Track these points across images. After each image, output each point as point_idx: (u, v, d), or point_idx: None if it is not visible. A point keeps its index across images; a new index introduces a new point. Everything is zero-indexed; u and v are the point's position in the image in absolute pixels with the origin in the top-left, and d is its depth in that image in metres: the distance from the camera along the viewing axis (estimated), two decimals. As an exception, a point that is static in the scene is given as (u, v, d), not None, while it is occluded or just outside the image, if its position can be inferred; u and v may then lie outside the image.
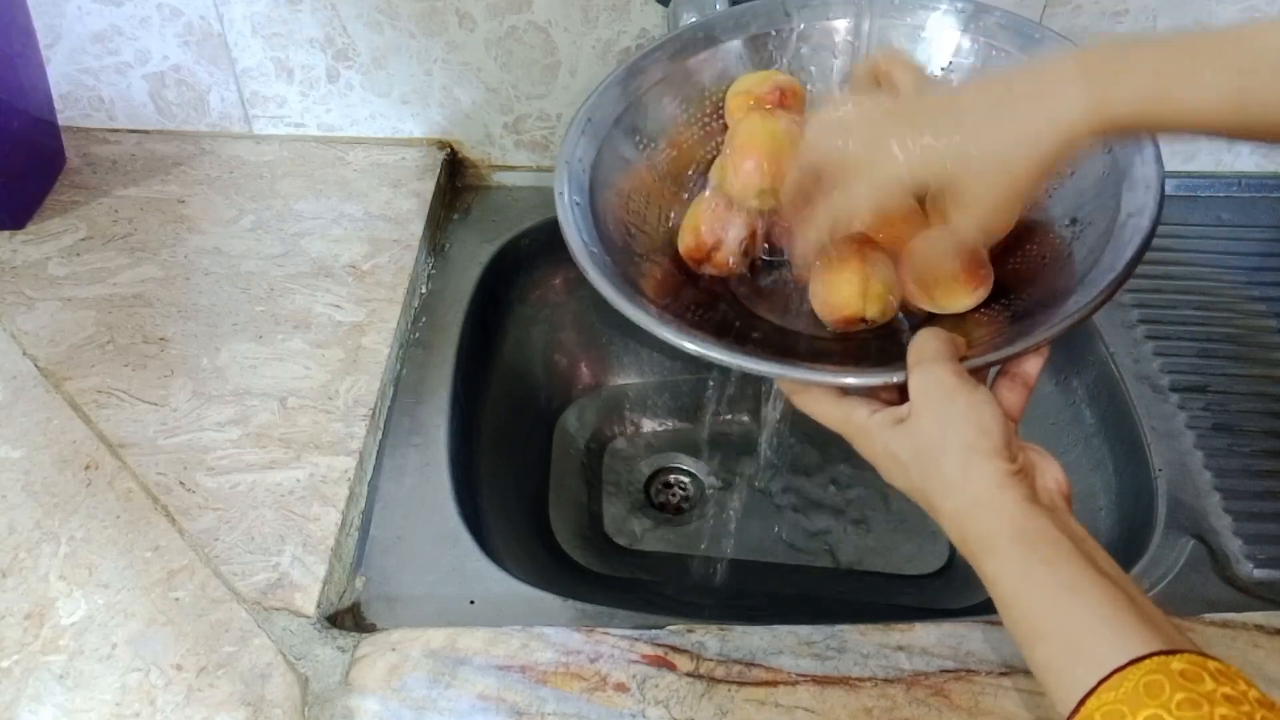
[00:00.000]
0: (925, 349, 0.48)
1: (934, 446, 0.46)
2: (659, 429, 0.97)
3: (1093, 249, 0.55)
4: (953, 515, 0.45)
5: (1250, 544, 0.67)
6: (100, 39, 0.88)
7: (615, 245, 0.60)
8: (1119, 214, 0.54)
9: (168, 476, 0.66)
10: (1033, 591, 0.41)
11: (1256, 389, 0.77)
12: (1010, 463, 0.45)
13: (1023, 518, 0.43)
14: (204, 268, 0.81)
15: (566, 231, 0.57)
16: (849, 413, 0.50)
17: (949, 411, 0.46)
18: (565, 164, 0.61)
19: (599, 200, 0.61)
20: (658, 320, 0.53)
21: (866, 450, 0.50)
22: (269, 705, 0.56)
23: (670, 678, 0.58)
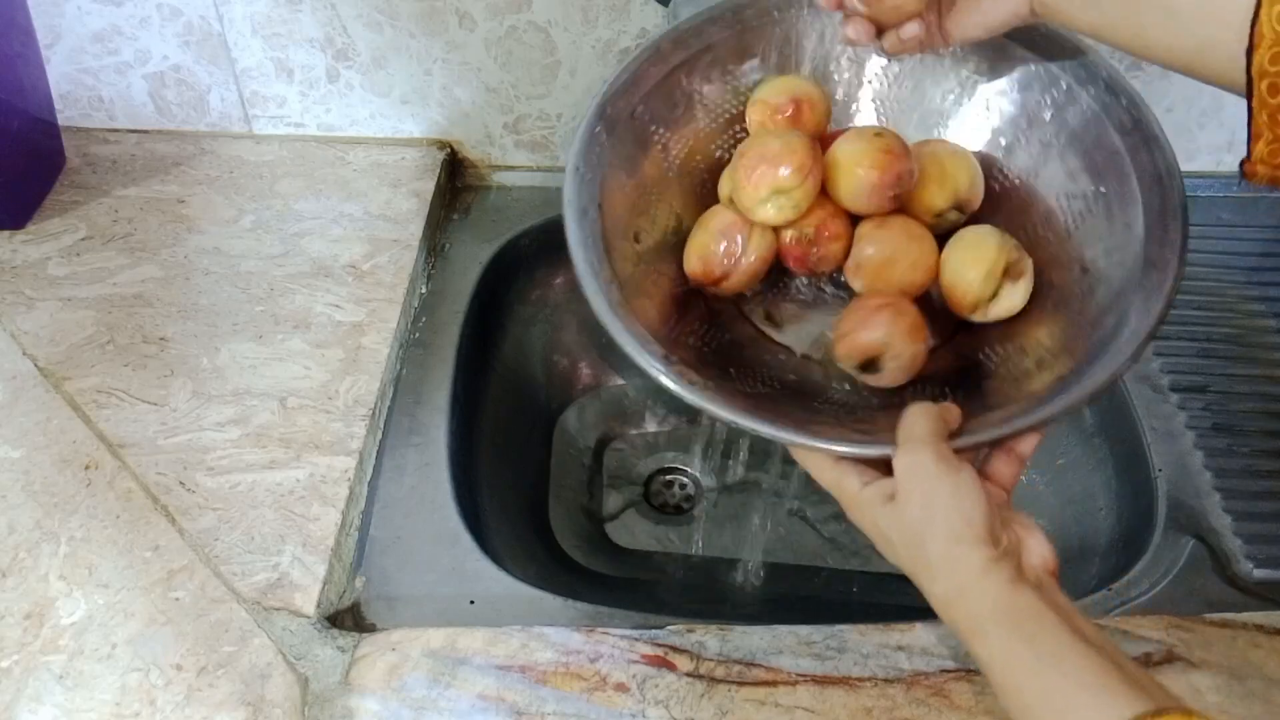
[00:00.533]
0: (914, 428, 0.48)
1: (919, 532, 0.46)
2: (659, 429, 0.97)
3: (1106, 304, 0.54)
4: (939, 598, 0.46)
5: (1250, 544, 0.67)
6: (100, 39, 0.88)
7: (621, 258, 0.58)
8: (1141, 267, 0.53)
9: (168, 476, 0.66)
10: (1020, 668, 0.42)
11: (1256, 389, 0.77)
12: (994, 548, 0.45)
13: (1008, 599, 0.44)
14: (204, 268, 0.81)
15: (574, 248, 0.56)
16: (842, 479, 0.50)
17: (933, 498, 0.46)
18: (575, 170, 0.59)
19: (607, 203, 0.59)
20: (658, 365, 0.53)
21: (857, 521, 0.50)
22: (269, 705, 0.56)
23: (670, 678, 0.58)
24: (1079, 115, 0.59)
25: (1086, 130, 0.59)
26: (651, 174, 0.63)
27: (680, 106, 0.64)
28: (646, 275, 0.60)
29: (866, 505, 0.49)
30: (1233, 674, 0.59)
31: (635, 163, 0.62)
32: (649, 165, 0.63)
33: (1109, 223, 0.57)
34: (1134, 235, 0.55)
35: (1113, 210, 0.57)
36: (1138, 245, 0.54)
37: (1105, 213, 0.57)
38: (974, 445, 0.49)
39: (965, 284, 0.57)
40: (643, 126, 0.62)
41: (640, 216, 0.62)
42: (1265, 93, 0.44)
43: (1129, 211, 0.56)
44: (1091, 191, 0.58)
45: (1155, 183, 0.55)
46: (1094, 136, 0.59)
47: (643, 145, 0.62)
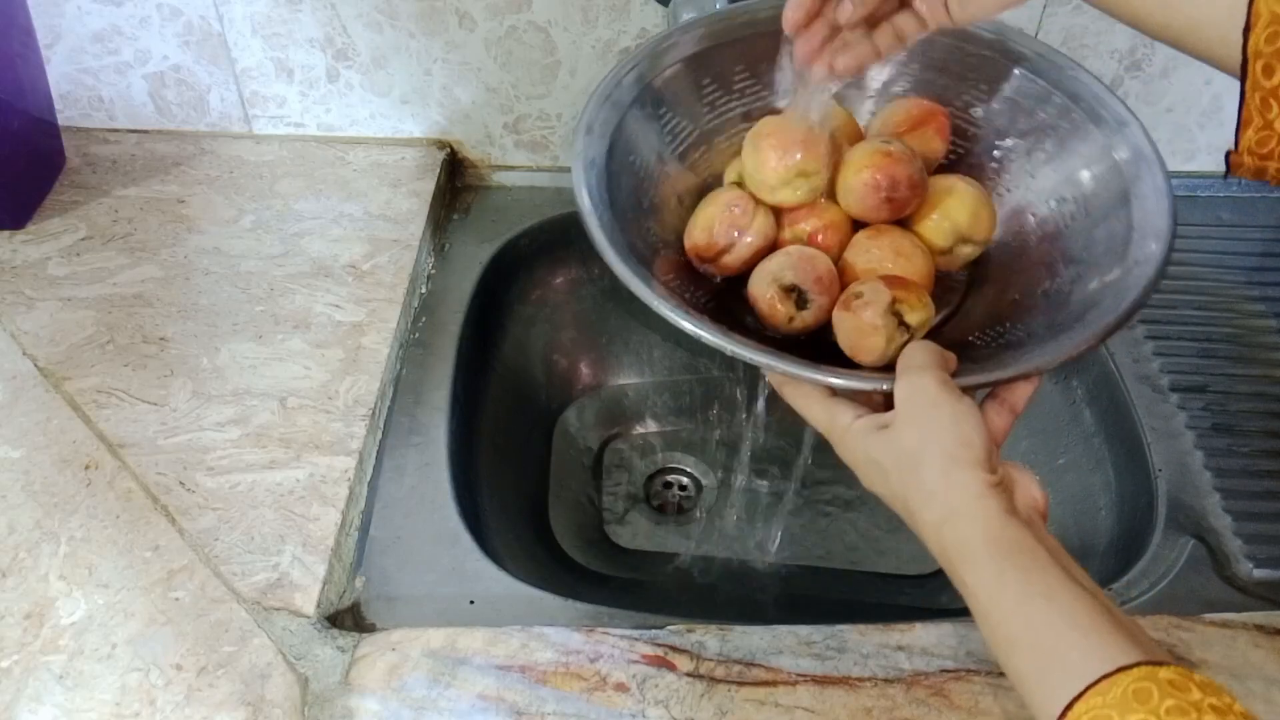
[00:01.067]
0: (914, 358, 0.49)
1: (915, 454, 0.46)
2: (659, 429, 0.97)
3: (1096, 291, 0.55)
4: (931, 524, 0.45)
5: (1250, 544, 0.67)
6: (100, 39, 0.88)
7: (627, 219, 0.58)
8: (1126, 260, 0.54)
9: (167, 476, 0.66)
10: (1009, 599, 0.42)
11: (1256, 389, 0.77)
12: (990, 474, 0.45)
13: (1000, 527, 0.43)
14: (204, 268, 0.81)
15: (579, 192, 0.56)
16: (834, 414, 0.50)
17: (932, 420, 0.46)
18: (585, 130, 0.59)
19: (615, 169, 0.59)
20: (656, 295, 0.52)
21: (848, 455, 0.50)
22: (269, 705, 0.56)
23: (670, 678, 0.58)
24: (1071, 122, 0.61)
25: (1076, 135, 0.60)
26: (658, 150, 0.63)
27: (695, 94, 0.65)
28: (648, 248, 0.60)
29: (859, 435, 0.48)
30: (1233, 674, 0.59)
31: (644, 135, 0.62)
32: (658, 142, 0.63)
33: (1097, 217, 0.58)
34: (1122, 226, 0.56)
35: (1100, 204, 0.58)
36: (1126, 234, 0.55)
37: (1093, 208, 0.58)
38: (973, 385, 0.49)
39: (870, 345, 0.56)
40: (655, 103, 0.63)
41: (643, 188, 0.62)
42: (1260, 74, 0.44)
43: (1118, 206, 0.57)
44: (1079, 193, 0.59)
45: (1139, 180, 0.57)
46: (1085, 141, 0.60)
47: (653, 121, 0.63)
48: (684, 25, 0.65)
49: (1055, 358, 0.50)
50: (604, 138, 0.60)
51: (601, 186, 0.58)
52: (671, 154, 0.64)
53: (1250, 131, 0.45)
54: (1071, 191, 0.60)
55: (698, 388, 0.96)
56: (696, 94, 0.65)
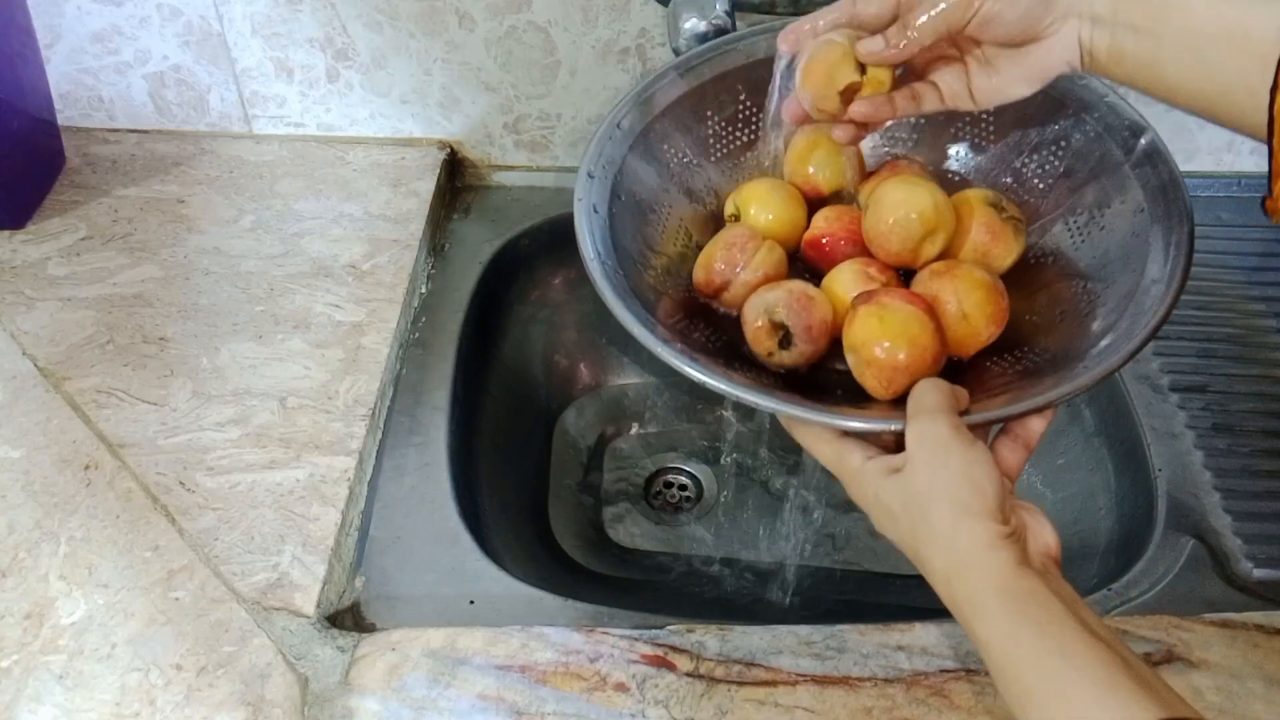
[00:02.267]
0: (925, 399, 0.48)
1: (926, 501, 0.45)
2: (659, 429, 0.97)
3: (1113, 310, 0.54)
4: (941, 573, 0.44)
5: (1250, 544, 0.67)
6: (100, 39, 0.88)
7: (630, 259, 0.59)
8: (1143, 278, 0.53)
9: (167, 476, 0.66)
10: (1023, 653, 0.41)
11: (1256, 389, 0.77)
12: (1003, 524, 0.44)
13: (1012, 579, 0.42)
14: (204, 268, 0.81)
15: (581, 239, 0.57)
16: (844, 455, 0.49)
17: (943, 466, 0.45)
18: (587, 171, 0.59)
19: (618, 211, 0.60)
20: (660, 341, 0.52)
21: (858, 496, 0.49)
22: (269, 705, 0.56)
23: (670, 678, 0.58)
24: (1083, 138, 0.60)
25: (1090, 151, 0.60)
26: (661, 188, 0.64)
27: (694, 130, 0.65)
28: (651, 287, 0.60)
29: (870, 478, 0.48)
30: (1233, 674, 0.59)
31: (646, 174, 0.63)
32: (661, 180, 0.64)
33: (1114, 235, 0.57)
34: (1139, 245, 0.55)
35: (1118, 223, 0.58)
36: (1143, 253, 0.55)
37: (1110, 226, 0.58)
38: (985, 422, 0.48)
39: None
40: (658, 142, 0.64)
41: (648, 226, 0.62)
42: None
43: (1133, 222, 0.56)
44: (1096, 208, 0.59)
45: (1160, 195, 0.56)
46: (1098, 156, 0.60)
47: (655, 159, 0.63)
48: (681, 60, 0.65)
49: (1069, 390, 0.49)
50: (605, 181, 0.60)
51: (606, 232, 0.58)
52: (676, 190, 0.65)
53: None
54: (1089, 205, 0.60)
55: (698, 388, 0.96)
56: (699, 127, 0.65)
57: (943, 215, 0.57)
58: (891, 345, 0.52)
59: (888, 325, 0.52)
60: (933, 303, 0.55)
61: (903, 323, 0.52)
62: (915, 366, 0.52)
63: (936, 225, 0.57)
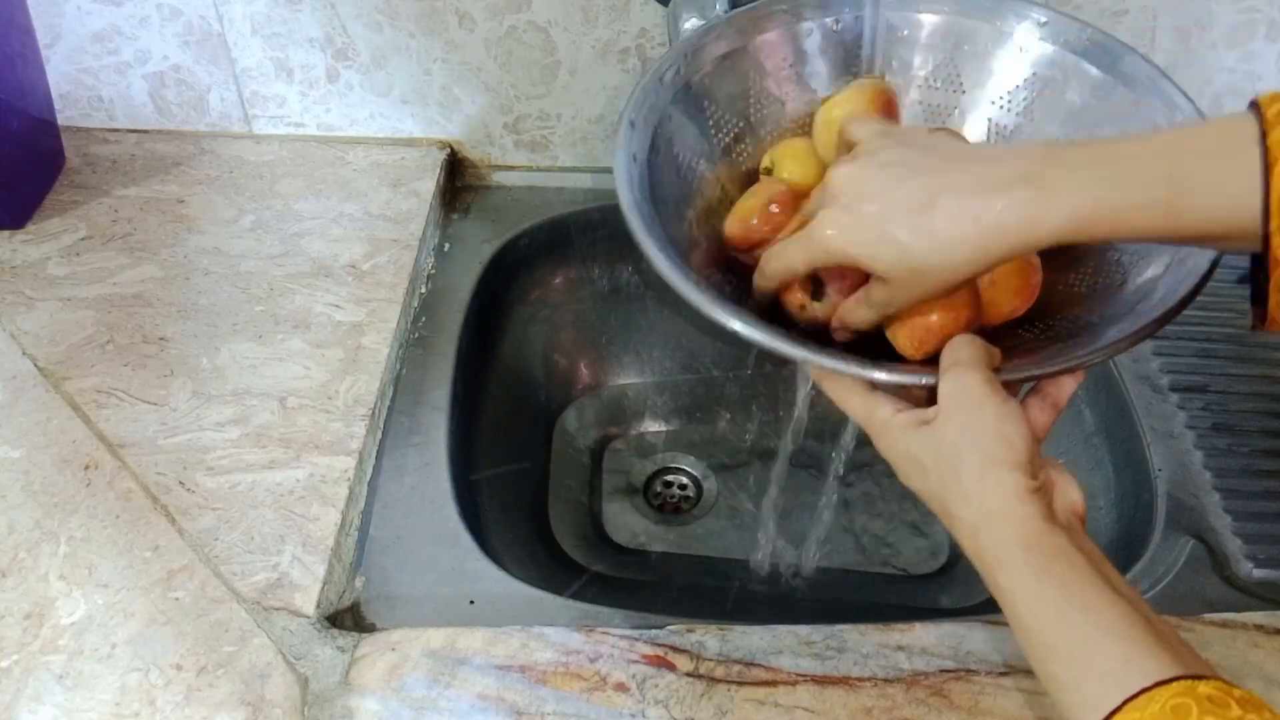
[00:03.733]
0: (960, 353, 0.48)
1: (955, 453, 0.45)
2: (659, 429, 0.97)
3: (1148, 281, 0.53)
4: (968, 524, 0.44)
5: (1250, 544, 0.67)
6: (100, 39, 0.88)
7: (668, 213, 0.58)
8: (1179, 249, 0.53)
9: (167, 476, 0.66)
10: (1047, 608, 0.41)
11: (1256, 389, 0.77)
12: (1031, 478, 0.44)
13: (1038, 533, 0.43)
14: (204, 268, 0.81)
15: (620, 186, 0.55)
16: (874, 408, 0.49)
17: (975, 419, 0.45)
18: (629, 120, 0.58)
19: (655, 162, 0.58)
20: (698, 290, 0.51)
21: (886, 449, 0.49)
22: (269, 705, 0.56)
23: (670, 677, 0.58)
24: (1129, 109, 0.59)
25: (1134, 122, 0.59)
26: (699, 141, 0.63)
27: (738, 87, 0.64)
28: (689, 231, 0.59)
29: (899, 430, 0.48)
30: (1233, 674, 0.58)
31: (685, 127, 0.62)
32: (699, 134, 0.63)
33: None
34: None
35: None
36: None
37: None
38: (1017, 379, 0.48)
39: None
40: (698, 97, 0.62)
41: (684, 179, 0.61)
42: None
43: None
44: None
45: None
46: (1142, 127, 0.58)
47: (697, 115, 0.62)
48: (727, 17, 0.64)
49: (1102, 351, 0.49)
50: (646, 132, 0.59)
51: (644, 181, 0.57)
52: (716, 147, 0.64)
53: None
54: None
55: (698, 387, 0.96)
56: (741, 87, 0.64)
57: None
58: (926, 305, 0.51)
59: None
60: None
61: None
62: (948, 328, 0.52)
63: None
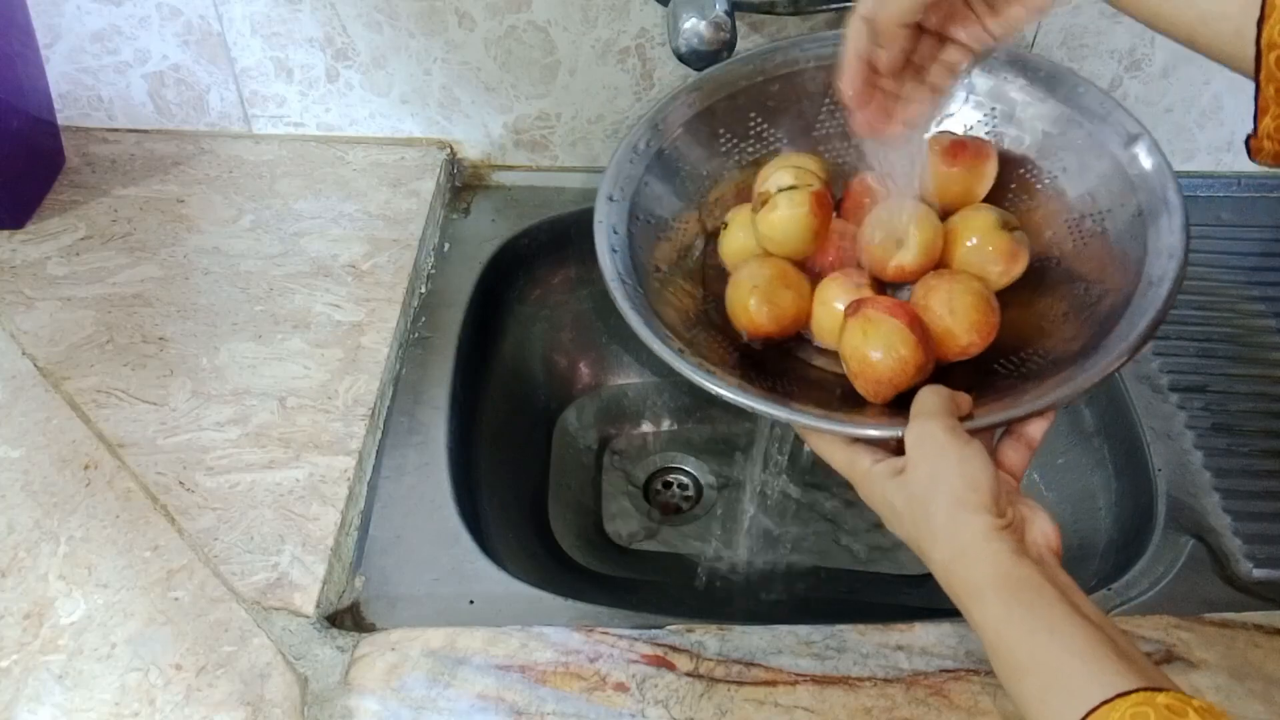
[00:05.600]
0: (924, 404, 0.50)
1: (925, 498, 0.47)
2: (659, 429, 0.97)
3: (1112, 311, 0.55)
4: (941, 564, 0.47)
5: (1250, 544, 0.67)
6: (99, 38, 0.88)
7: (646, 274, 0.61)
8: (1140, 280, 0.55)
9: (167, 476, 0.66)
10: (1014, 631, 0.43)
11: (1256, 389, 0.77)
12: (998, 517, 0.46)
13: (1008, 566, 0.44)
14: (203, 267, 0.81)
15: (603, 260, 0.60)
16: (854, 459, 0.52)
17: (939, 465, 0.47)
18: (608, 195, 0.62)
19: (635, 230, 0.63)
20: (688, 364, 0.55)
21: (868, 496, 0.52)
22: (268, 705, 0.56)
23: (670, 677, 0.58)
24: (1084, 142, 0.62)
25: (1090, 156, 0.61)
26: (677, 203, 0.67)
27: (710, 146, 0.68)
28: (668, 289, 0.62)
29: (877, 480, 0.50)
30: (1233, 674, 0.59)
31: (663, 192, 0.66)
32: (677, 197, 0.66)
33: (1114, 237, 0.59)
34: (1138, 245, 0.57)
35: (1117, 226, 0.59)
36: (1141, 253, 0.56)
37: (1110, 229, 0.59)
38: (985, 426, 0.51)
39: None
40: (672, 161, 0.67)
41: (663, 242, 0.65)
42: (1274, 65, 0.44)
43: (1133, 224, 0.57)
44: (1099, 210, 0.60)
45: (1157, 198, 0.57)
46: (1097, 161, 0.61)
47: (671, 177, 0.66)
48: (694, 82, 0.68)
49: (1068, 392, 0.51)
50: (624, 202, 0.63)
51: (625, 250, 0.61)
52: (691, 205, 0.67)
53: (1268, 120, 0.46)
54: (1089, 209, 0.60)
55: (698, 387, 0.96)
56: (712, 145, 0.68)
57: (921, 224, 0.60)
58: (874, 358, 0.55)
59: (871, 338, 0.55)
60: (921, 311, 0.57)
61: (885, 336, 0.55)
62: (898, 379, 0.55)
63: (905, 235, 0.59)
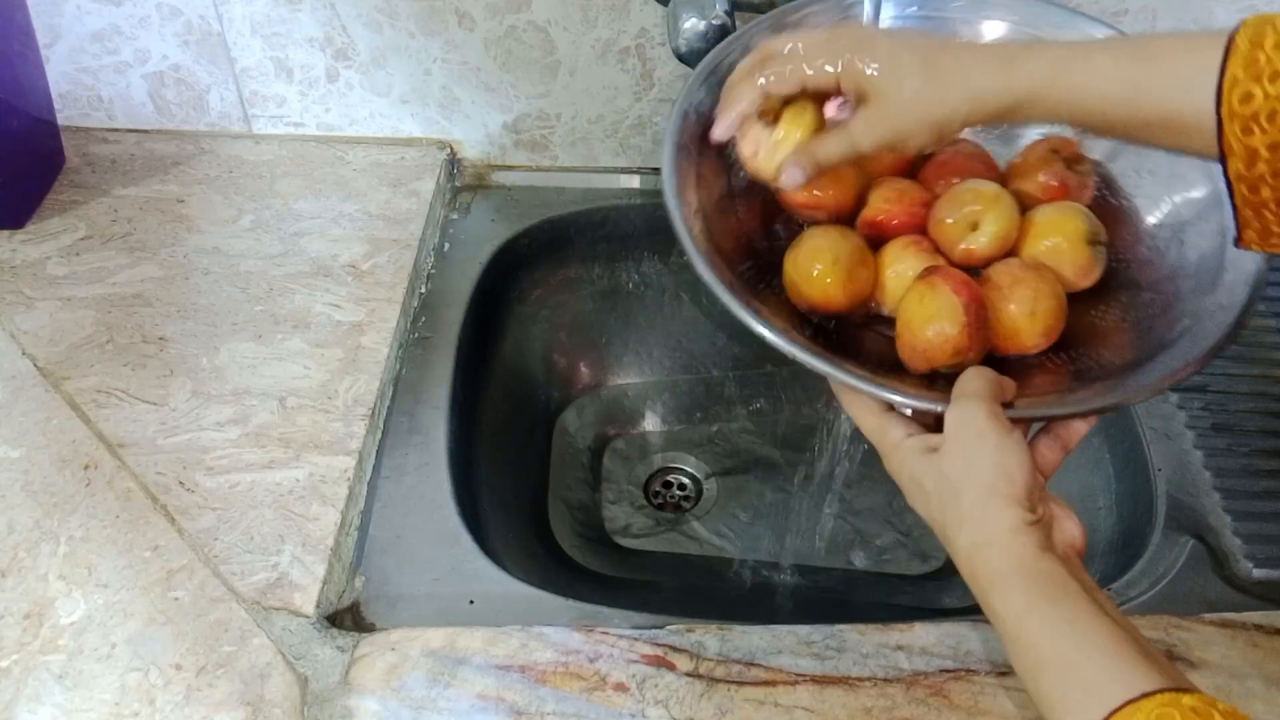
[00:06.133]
0: (969, 385, 0.49)
1: (957, 482, 0.46)
2: (659, 429, 0.97)
3: (1175, 328, 0.53)
4: (966, 550, 0.46)
5: (1250, 544, 0.67)
6: (99, 38, 0.88)
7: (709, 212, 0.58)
8: (1209, 301, 0.53)
9: (167, 476, 0.66)
10: (1036, 625, 0.42)
11: (1256, 389, 0.77)
12: (1029, 512, 0.45)
13: (1033, 560, 0.44)
14: (203, 267, 0.81)
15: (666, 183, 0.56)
16: (887, 428, 0.51)
17: (977, 450, 0.46)
18: (681, 111, 0.59)
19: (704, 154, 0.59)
20: (737, 301, 0.52)
21: (894, 470, 0.51)
22: (268, 705, 0.56)
23: (670, 677, 0.58)
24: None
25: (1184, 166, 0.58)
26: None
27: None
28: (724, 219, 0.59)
29: (907, 454, 0.49)
30: (1232, 674, 0.59)
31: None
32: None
33: (1190, 253, 0.57)
34: (1213, 267, 0.55)
35: (1197, 241, 0.57)
36: (1215, 277, 0.54)
37: (1189, 243, 0.57)
38: (1027, 417, 0.49)
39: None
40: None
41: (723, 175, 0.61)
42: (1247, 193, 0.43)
43: (1212, 244, 0.56)
44: (1179, 224, 0.58)
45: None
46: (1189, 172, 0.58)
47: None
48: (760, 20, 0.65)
49: (1114, 400, 0.50)
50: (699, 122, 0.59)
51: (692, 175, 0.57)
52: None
53: (1250, 232, 0.45)
54: (1168, 216, 0.58)
55: (698, 387, 0.96)
56: None
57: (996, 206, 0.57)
58: (918, 324, 0.53)
59: (925, 304, 0.53)
60: (997, 300, 0.54)
61: (934, 309, 0.53)
62: (933, 353, 0.53)
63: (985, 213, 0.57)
